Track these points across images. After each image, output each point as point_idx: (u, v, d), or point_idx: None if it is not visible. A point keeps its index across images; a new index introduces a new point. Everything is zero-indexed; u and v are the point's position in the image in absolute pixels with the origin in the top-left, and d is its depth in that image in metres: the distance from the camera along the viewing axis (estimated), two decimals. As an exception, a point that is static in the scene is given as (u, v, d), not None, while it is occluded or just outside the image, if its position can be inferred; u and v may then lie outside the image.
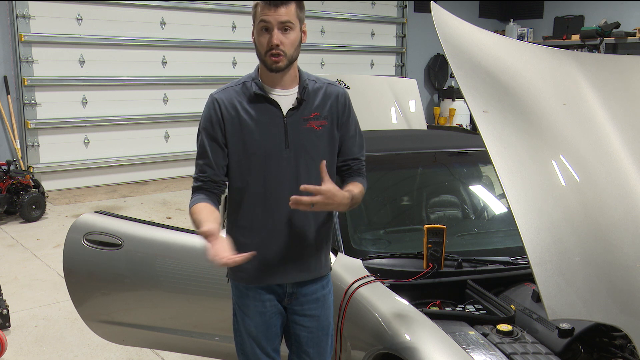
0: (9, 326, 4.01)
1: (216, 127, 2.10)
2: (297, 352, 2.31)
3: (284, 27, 2.01)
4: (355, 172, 2.25)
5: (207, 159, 2.12)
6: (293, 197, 1.94)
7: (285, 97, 2.12)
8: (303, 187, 1.97)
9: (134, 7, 8.29)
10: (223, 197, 2.25)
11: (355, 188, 2.16)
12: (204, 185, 2.14)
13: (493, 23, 12.88)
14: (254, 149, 2.10)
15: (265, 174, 2.11)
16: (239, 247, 2.14)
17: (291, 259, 2.17)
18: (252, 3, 2.09)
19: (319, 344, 2.30)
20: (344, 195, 2.04)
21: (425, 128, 4.46)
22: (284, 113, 2.11)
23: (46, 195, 6.89)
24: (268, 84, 2.11)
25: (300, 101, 2.12)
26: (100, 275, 2.92)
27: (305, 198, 1.94)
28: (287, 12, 2.00)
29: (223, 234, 2.38)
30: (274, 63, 2.03)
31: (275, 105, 2.11)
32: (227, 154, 2.13)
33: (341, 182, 2.23)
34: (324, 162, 2.02)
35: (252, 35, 2.09)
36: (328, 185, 1.98)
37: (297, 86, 2.13)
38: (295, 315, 2.26)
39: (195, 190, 2.16)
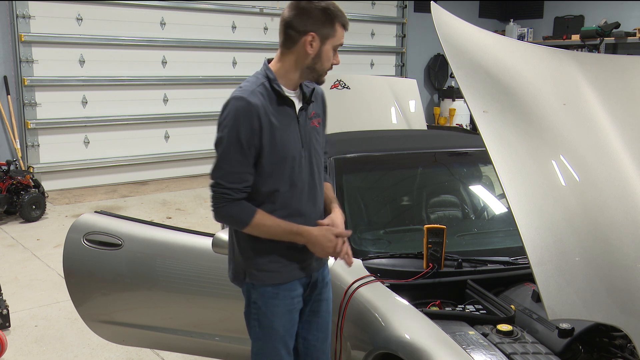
0: (9, 326, 4.01)
1: (255, 134, 2.03)
2: (305, 337, 2.34)
3: None
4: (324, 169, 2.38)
5: (248, 167, 2.06)
6: (344, 253, 2.16)
7: (294, 98, 2.15)
8: (318, 222, 2.17)
9: (134, 7, 8.29)
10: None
11: (331, 191, 2.36)
12: (245, 197, 2.09)
13: (493, 23, 12.88)
14: (285, 152, 2.10)
15: (291, 175, 2.13)
16: (271, 246, 2.17)
17: None
18: (252, 3, 2.09)
19: (326, 328, 2.37)
20: (340, 212, 2.26)
21: (425, 128, 4.46)
22: (297, 113, 2.15)
23: (46, 195, 6.89)
24: (285, 86, 2.12)
25: (309, 102, 2.18)
26: (100, 275, 2.92)
27: (345, 244, 2.17)
28: None
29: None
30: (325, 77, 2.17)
31: (292, 106, 2.13)
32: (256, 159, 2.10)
33: None
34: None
35: (312, 47, 2.05)
36: (333, 217, 2.22)
37: (299, 88, 2.18)
38: (312, 302, 2.32)
39: (238, 199, 2.07)
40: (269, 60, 2.16)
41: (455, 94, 11.63)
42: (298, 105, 2.15)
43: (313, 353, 2.35)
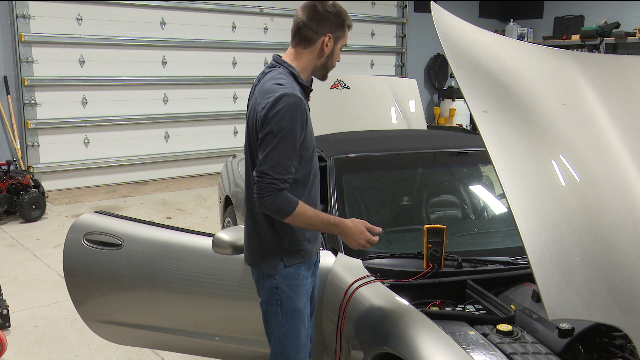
0: (9, 326, 4.01)
1: (303, 126, 2.19)
2: None
3: None
4: None
5: (295, 159, 2.18)
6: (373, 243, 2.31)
7: None
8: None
9: (134, 7, 8.29)
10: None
11: None
12: (289, 187, 2.19)
13: (493, 23, 12.88)
14: (312, 142, 2.31)
15: (315, 163, 2.35)
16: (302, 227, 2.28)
17: None
18: (252, 3, 2.16)
19: (314, 302, 2.50)
20: None
21: (425, 128, 4.46)
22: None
23: (46, 195, 6.89)
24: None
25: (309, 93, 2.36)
26: (100, 275, 2.92)
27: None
28: None
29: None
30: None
31: (307, 98, 2.32)
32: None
33: None
34: None
35: (326, 45, 2.27)
36: None
37: None
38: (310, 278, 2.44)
39: (282, 189, 2.15)
40: (280, 57, 2.32)
41: (455, 94, 11.63)
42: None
43: None
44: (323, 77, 2.37)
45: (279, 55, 2.32)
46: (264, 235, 2.31)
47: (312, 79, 2.40)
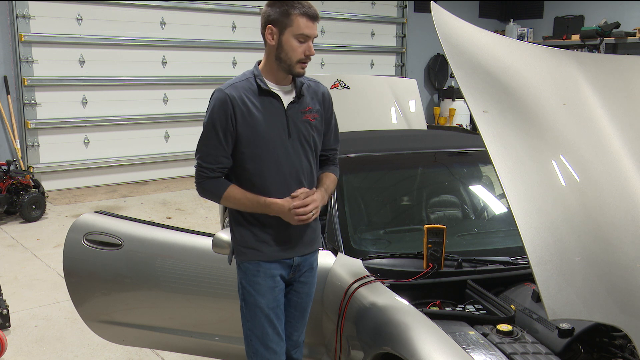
0: (9, 326, 4.01)
1: (229, 120, 2.24)
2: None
3: (313, 39, 2.26)
4: (330, 162, 2.53)
5: (222, 150, 2.27)
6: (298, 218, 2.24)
7: (284, 93, 2.32)
8: (293, 194, 2.27)
9: (134, 7, 8.29)
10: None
11: (328, 180, 2.45)
12: (221, 175, 2.31)
13: (493, 23, 12.88)
14: (266, 139, 2.27)
15: (277, 161, 2.29)
16: (259, 227, 2.33)
17: (302, 234, 2.38)
18: (252, 3, 2.17)
19: (304, 308, 2.49)
20: (322, 196, 2.34)
21: (425, 128, 4.46)
22: (285, 106, 2.30)
23: (46, 195, 6.89)
24: (270, 80, 2.30)
25: (299, 96, 2.33)
26: (100, 275, 2.92)
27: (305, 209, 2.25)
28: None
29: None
30: (302, 69, 2.26)
31: (278, 99, 2.30)
32: (234, 144, 2.29)
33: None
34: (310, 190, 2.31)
35: (273, 39, 2.25)
36: (313, 196, 2.29)
37: (292, 83, 2.34)
38: (294, 282, 2.45)
39: (213, 177, 2.31)
40: (260, 62, 2.36)
41: (455, 94, 11.62)
42: (288, 98, 2.31)
43: (287, 329, 2.47)
44: (290, 72, 2.26)
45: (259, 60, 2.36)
46: (230, 227, 2.43)
47: (300, 83, 2.33)
